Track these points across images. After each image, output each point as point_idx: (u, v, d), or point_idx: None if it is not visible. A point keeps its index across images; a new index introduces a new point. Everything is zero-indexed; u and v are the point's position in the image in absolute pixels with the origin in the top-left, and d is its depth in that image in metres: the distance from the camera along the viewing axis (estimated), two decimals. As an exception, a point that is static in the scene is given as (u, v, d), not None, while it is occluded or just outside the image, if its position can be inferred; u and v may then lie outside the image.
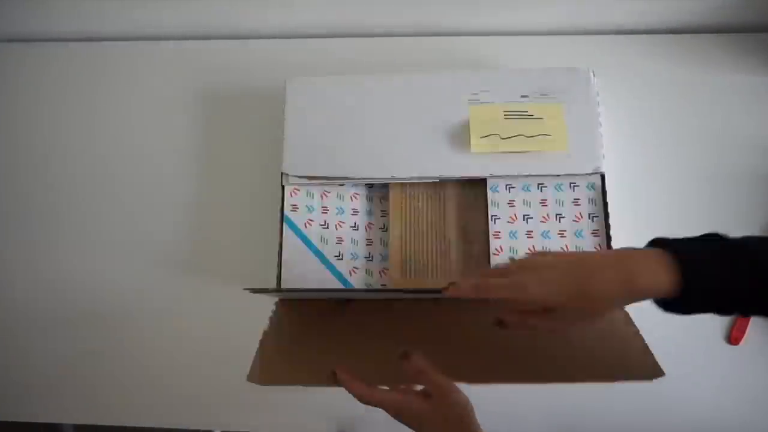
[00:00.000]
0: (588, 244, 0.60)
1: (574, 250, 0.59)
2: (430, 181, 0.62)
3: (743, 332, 0.62)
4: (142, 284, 0.69)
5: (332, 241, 0.62)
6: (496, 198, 0.62)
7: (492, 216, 0.61)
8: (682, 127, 0.70)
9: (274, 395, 0.64)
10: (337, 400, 0.64)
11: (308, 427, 0.65)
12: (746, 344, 0.62)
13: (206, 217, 0.71)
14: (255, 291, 0.50)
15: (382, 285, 0.61)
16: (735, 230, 0.65)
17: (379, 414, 0.64)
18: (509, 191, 0.62)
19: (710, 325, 0.63)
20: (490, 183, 0.62)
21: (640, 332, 0.51)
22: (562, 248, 0.60)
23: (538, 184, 0.62)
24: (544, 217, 0.61)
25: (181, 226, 0.71)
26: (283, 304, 0.58)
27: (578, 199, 0.61)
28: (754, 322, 0.62)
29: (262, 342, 0.54)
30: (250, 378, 0.50)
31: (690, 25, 0.74)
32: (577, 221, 0.61)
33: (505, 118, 0.62)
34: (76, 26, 0.80)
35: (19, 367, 0.68)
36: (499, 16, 0.74)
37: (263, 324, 0.66)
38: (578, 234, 0.60)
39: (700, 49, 0.73)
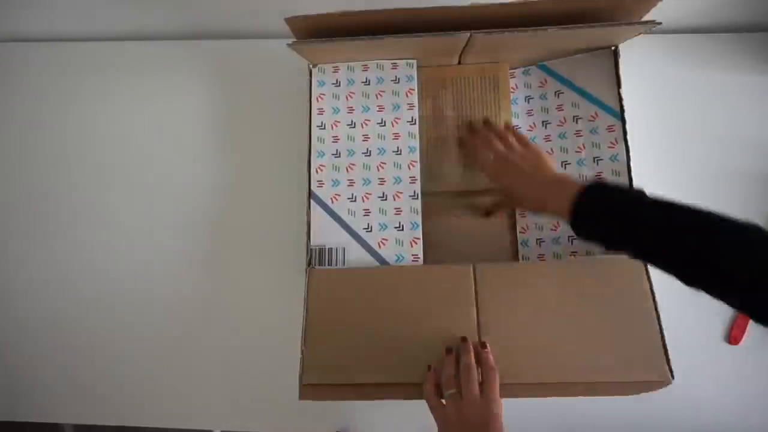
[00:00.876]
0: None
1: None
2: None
3: (743, 332, 0.62)
4: (142, 286, 0.69)
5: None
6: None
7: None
8: (682, 127, 0.70)
9: (274, 395, 0.65)
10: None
11: (308, 427, 0.65)
12: (745, 344, 0.62)
13: (222, 215, 0.71)
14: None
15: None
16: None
17: (379, 414, 0.65)
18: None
19: (710, 325, 0.63)
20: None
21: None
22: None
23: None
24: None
25: (191, 228, 0.71)
26: (313, 274, 0.59)
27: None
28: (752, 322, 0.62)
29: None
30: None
31: (690, 25, 0.74)
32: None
33: None
34: (75, 26, 0.80)
35: (19, 367, 0.68)
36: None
37: (264, 326, 0.66)
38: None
39: (700, 49, 0.73)
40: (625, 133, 0.62)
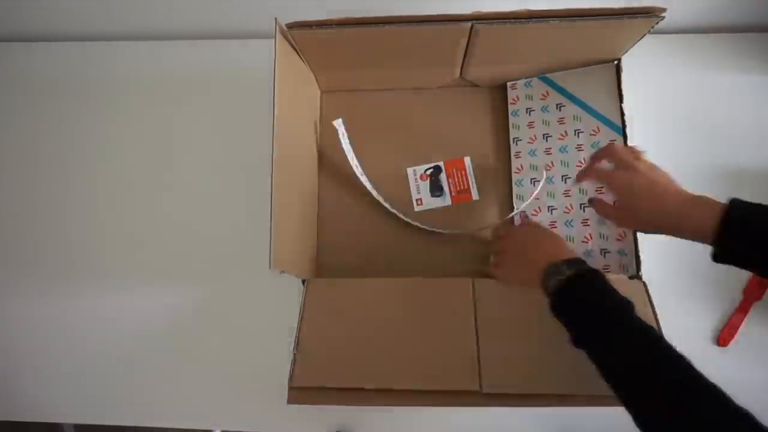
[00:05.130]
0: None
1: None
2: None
3: (732, 335, 0.62)
4: (141, 286, 0.69)
5: None
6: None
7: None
8: (682, 127, 0.70)
9: (274, 395, 0.65)
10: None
11: (307, 427, 0.65)
12: (734, 346, 0.62)
13: (222, 217, 0.71)
14: None
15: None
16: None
17: (379, 414, 0.65)
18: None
19: (699, 326, 0.63)
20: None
21: None
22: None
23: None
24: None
25: (189, 230, 0.71)
26: (311, 284, 0.59)
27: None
28: (744, 325, 0.63)
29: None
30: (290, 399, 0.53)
31: (690, 25, 0.74)
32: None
33: None
34: (75, 26, 0.80)
35: (19, 367, 0.68)
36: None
37: (264, 326, 0.66)
38: None
39: (700, 49, 0.73)
40: None
